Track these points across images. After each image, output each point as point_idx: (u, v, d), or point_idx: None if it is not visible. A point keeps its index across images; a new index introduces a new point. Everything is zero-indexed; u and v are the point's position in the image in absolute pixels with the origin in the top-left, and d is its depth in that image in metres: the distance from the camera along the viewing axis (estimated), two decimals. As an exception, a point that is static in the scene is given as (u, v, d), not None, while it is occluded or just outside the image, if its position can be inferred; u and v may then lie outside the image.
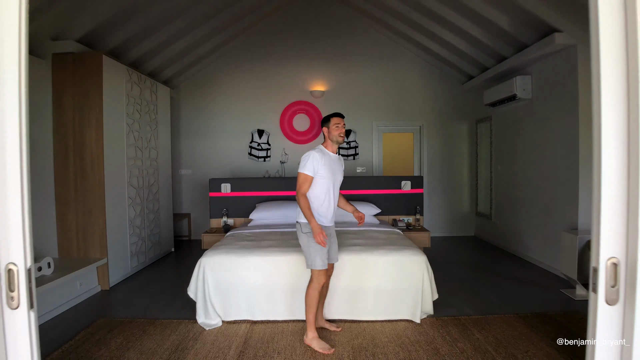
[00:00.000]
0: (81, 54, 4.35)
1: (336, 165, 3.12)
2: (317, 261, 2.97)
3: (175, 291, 4.35)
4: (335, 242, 3.23)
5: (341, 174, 3.19)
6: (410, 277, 3.41)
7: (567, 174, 4.66)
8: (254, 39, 7.14)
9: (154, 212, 5.66)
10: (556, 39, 4.38)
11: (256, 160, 7.17)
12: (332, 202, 3.10)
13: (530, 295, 4.17)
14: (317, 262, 2.97)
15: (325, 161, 2.99)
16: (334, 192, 3.10)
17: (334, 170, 3.07)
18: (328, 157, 3.04)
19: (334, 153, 3.13)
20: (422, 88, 7.26)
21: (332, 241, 3.18)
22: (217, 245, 3.73)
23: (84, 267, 4.13)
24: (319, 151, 3.03)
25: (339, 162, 3.19)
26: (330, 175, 3.02)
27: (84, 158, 4.37)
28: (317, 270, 2.97)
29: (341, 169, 3.20)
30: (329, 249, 3.12)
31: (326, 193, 3.04)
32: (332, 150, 3.12)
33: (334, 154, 3.14)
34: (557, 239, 4.84)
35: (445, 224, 7.41)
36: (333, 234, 3.20)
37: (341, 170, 3.19)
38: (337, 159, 3.16)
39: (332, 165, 3.05)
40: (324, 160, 2.98)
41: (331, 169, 3.03)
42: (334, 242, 3.21)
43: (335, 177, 3.08)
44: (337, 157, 3.17)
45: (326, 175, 2.99)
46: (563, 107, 4.72)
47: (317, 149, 3.05)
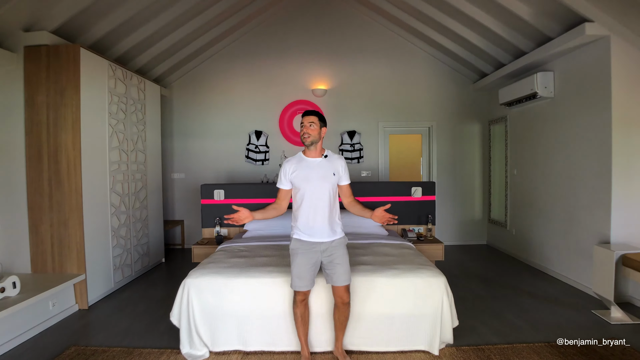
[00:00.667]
0: (56, 47, 3.89)
1: (315, 171, 2.72)
2: (293, 282, 2.74)
3: (161, 311, 3.89)
4: (341, 260, 2.73)
5: (323, 179, 2.72)
6: (428, 301, 2.94)
7: (597, 180, 4.19)
8: (252, 34, 6.69)
9: (142, 220, 5.21)
10: (587, 29, 3.91)
11: (254, 164, 6.71)
12: (313, 215, 2.71)
13: (559, 317, 3.70)
14: (294, 282, 2.74)
15: (297, 168, 2.75)
16: (314, 201, 2.70)
17: (312, 177, 2.70)
18: (304, 164, 2.76)
19: (313, 157, 2.77)
20: (431, 86, 6.80)
21: (338, 259, 2.72)
22: (204, 264, 3.27)
23: (58, 285, 3.68)
24: (294, 158, 2.82)
25: (322, 166, 2.75)
26: (302, 183, 2.71)
27: (60, 162, 3.92)
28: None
29: (323, 173, 2.73)
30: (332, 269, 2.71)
31: (301, 204, 2.72)
32: (310, 154, 2.79)
33: (315, 158, 2.77)
34: (583, 252, 4.38)
35: (455, 231, 6.94)
36: (336, 251, 2.73)
37: (324, 175, 2.72)
38: (317, 164, 2.75)
39: (309, 173, 2.72)
40: (294, 168, 2.75)
41: (305, 176, 2.71)
42: (339, 260, 2.72)
43: (309, 184, 2.70)
44: (318, 162, 2.76)
45: (297, 185, 2.74)
46: (592, 106, 4.25)
47: (295, 156, 2.85)
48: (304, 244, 2.71)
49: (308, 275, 2.71)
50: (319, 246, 2.70)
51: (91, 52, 4.11)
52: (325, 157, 2.80)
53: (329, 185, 2.72)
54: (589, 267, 4.28)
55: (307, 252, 2.70)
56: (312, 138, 2.72)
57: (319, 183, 2.70)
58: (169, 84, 6.64)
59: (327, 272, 2.74)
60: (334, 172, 2.76)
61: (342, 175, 2.82)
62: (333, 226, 2.75)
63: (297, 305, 2.80)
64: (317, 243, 2.70)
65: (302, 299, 2.78)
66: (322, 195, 2.70)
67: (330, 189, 2.73)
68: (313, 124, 2.74)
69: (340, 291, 2.75)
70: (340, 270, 2.71)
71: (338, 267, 2.71)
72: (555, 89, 4.87)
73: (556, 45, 4.41)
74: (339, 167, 2.80)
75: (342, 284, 2.73)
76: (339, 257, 2.73)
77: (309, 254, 2.70)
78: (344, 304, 2.78)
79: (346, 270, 2.74)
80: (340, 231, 2.80)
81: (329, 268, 2.73)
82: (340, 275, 2.72)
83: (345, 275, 2.73)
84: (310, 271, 2.71)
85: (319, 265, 2.75)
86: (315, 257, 2.71)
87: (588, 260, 4.31)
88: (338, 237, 2.77)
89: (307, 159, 2.77)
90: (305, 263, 2.70)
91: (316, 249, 2.70)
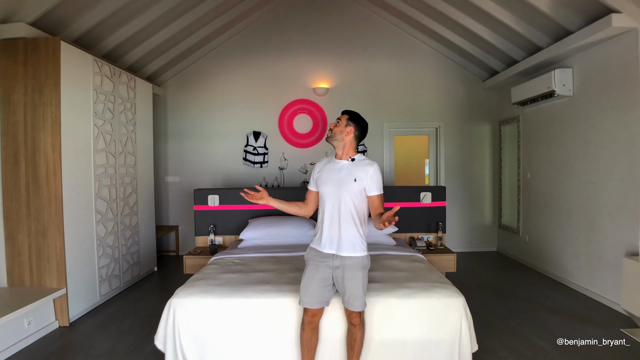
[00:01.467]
0: (35, 40, 3.56)
1: (336, 174, 2.41)
2: (301, 296, 2.44)
3: (147, 328, 3.55)
4: (351, 285, 2.35)
5: (340, 184, 2.37)
6: (445, 325, 2.60)
7: (623, 185, 3.85)
8: (250, 30, 6.36)
9: (131, 227, 4.87)
10: (613, 21, 3.58)
11: (252, 166, 6.38)
12: (328, 222, 2.39)
13: (584, 336, 3.35)
14: (302, 297, 2.44)
15: (322, 169, 2.51)
16: (332, 208, 2.38)
17: (331, 180, 2.41)
18: (330, 165, 2.50)
19: (340, 159, 2.48)
20: (439, 85, 6.46)
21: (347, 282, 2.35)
22: (193, 280, 2.93)
23: (35, 302, 3.35)
24: (326, 159, 2.60)
25: (344, 170, 2.41)
26: (320, 186, 2.47)
27: (38, 166, 3.58)
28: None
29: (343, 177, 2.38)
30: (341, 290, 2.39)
31: (321, 211, 2.47)
32: (338, 155, 2.51)
33: (342, 161, 2.47)
34: (607, 263, 4.04)
35: (464, 237, 6.60)
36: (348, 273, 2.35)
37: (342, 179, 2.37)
38: (342, 167, 2.44)
39: (330, 175, 2.44)
40: (320, 168, 2.54)
41: (326, 179, 2.45)
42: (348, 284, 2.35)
43: (326, 188, 2.42)
44: (343, 165, 2.45)
45: (318, 187, 2.51)
46: (618, 104, 3.91)
47: (329, 157, 2.62)
48: (317, 254, 2.42)
49: (316, 292, 2.37)
50: (330, 260, 2.37)
51: (74, 47, 3.78)
52: (352, 160, 2.46)
53: (345, 192, 2.35)
54: (614, 280, 3.94)
55: (318, 264, 2.39)
56: (332, 134, 2.46)
57: (335, 187, 2.38)
58: (163, 82, 6.31)
59: (340, 290, 2.42)
60: (355, 177, 2.37)
61: (367, 183, 2.38)
62: (352, 239, 2.36)
63: (304, 328, 2.45)
64: (328, 256, 2.37)
65: (310, 320, 2.43)
66: (337, 201, 2.36)
67: (347, 195, 2.35)
68: (339, 121, 2.49)
69: (348, 312, 2.42)
70: (351, 294, 2.36)
71: (349, 290, 2.36)
72: (575, 87, 4.53)
73: (577, 39, 4.08)
74: (365, 174, 2.38)
75: (350, 309, 2.40)
76: (351, 281, 2.34)
77: (320, 267, 2.38)
78: (354, 325, 2.45)
79: (358, 296, 2.36)
80: (360, 249, 2.38)
81: (340, 288, 2.40)
82: (351, 300, 2.37)
83: (357, 301, 2.37)
84: (319, 287, 2.37)
85: (330, 282, 2.40)
86: (326, 273, 2.37)
87: (612, 272, 3.98)
88: (355, 255, 2.37)
89: (336, 161, 2.49)
90: (313, 275, 2.38)
91: (328, 263, 2.37)
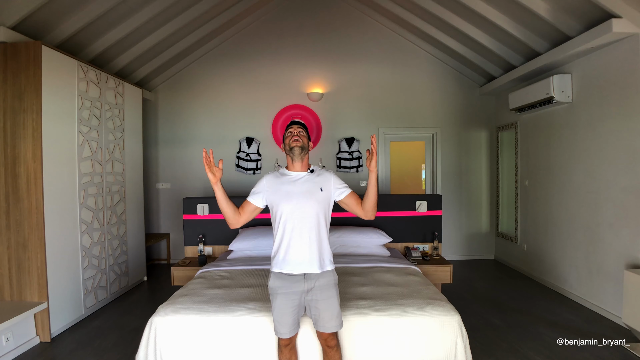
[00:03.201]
0: (15, 45, 3.43)
1: (299, 186, 2.25)
2: (276, 327, 2.28)
3: (133, 344, 3.41)
4: (325, 305, 2.22)
5: (308, 196, 2.23)
6: (439, 344, 2.48)
7: (624, 195, 3.74)
8: (243, 34, 6.25)
9: (119, 237, 4.74)
10: (614, 26, 3.47)
11: (245, 173, 6.25)
12: (297, 239, 2.20)
13: (586, 352, 3.23)
14: (277, 328, 2.27)
15: (275, 183, 2.31)
16: (296, 222, 2.20)
17: (293, 194, 2.22)
18: (285, 179, 2.32)
19: (297, 171, 2.34)
20: (435, 90, 6.35)
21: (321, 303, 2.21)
22: (177, 296, 2.79)
23: (14, 317, 3.21)
24: (274, 173, 2.40)
25: (307, 181, 2.28)
26: (281, 200, 2.23)
27: (18, 176, 3.45)
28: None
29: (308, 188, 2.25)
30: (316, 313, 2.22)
31: (280, 228, 2.23)
32: (294, 167, 2.35)
33: (299, 172, 2.33)
34: (608, 275, 3.93)
35: (460, 245, 6.48)
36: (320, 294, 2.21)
37: (308, 190, 2.24)
38: (302, 178, 2.30)
39: (290, 189, 2.25)
40: (272, 182, 2.32)
41: (285, 194, 2.24)
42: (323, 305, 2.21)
43: (290, 202, 2.21)
44: (303, 176, 2.32)
45: (276, 203, 2.26)
46: (618, 111, 3.80)
47: (276, 171, 2.42)
48: (285, 280, 2.20)
49: (290, 320, 2.22)
50: (300, 284, 2.20)
51: (56, 51, 3.65)
52: (312, 171, 2.33)
53: (315, 203, 2.22)
54: (614, 292, 3.83)
55: (288, 293, 2.20)
56: (302, 143, 2.30)
57: (302, 200, 2.21)
58: (154, 87, 6.19)
59: (312, 314, 2.25)
60: (321, 187, 2.27)
61: (334, 189, 2.31)
62: (321, 255, 2.24)
63: (282, 351, 2.33)
64: (299, 279, 2.19)
65: (287, 343, 2.31)
66: (306, 215, 2.20)
67: (317, 207, 2.23)
68: (302, 132, 2.34)
69: (325, 335, 2.27)
70: (326, 316, 2.22)
71: (324, 312, 2.22)
72: (574, 93, 4.42)
73: (576, 44, 3.97)
74: (328, 182, 2.31)
75: (327, 331, 2.25)
76: (326, 301, 2.21)
77: (291, 295, 2.20)
78: (330, 347, 2.31)
79: (334, 315, 2.23)
80: (329, 262, 2.27)
81: (314, 311, 2.23)
82: (326, 322, 2.23)
83: (333, 321, 2.23)
84: (293, 315, 2.22)
85: (303, 306, 2.25)
86: (298, 299, 2.22)
87: (612, 284, 3.86)
88: (327, 270, 2.24)
89: (290, 173, 2.33)
90: (286, 306, 2.21)
91: (297, 288, 2.20)
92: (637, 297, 3.23)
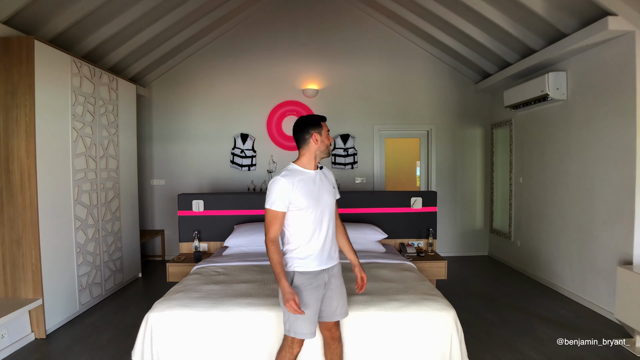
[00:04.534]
0: (7, 39, 3.39)
1: (319, 186, 2.23)
2: (298, 326, 2.14)
3: (128, 341, 3.40)
4: (339, 292, 2.30)
5: (331, 193, 2.28)
6: (435, 339, 2.50)
7: (617, 192, 3.77)
8: (238, 29, 6.22)
9: (114, 233, 4.71)
10: (610, 24, 3.49)
11: (239, 169, 6.23)
12: (325, 236, 2.22)
13: (578, 348, 3.26)
14: (299, 327, 2.14)
15: (301, 186, 2.15)
16: (328, 221, 2.23)
17: (319, 193, 2.20)
18: (305, 178, 2.19)
19: (310, 169, 2.24)
20: (431, 87, 6.36)
21: (334, 291, 2.27)
22: (173, 292, 2.79)
23: (9, 313, 3.19)
24: (289, 174, 2.17)
25: (324, 179, 2.29)
26: (313, 202, 2.16)
27: (12, 172, 3.42)
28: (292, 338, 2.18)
29: (329, 186, 2.29)
30: (328, 304, 2.25)
31: (314, 227, 2.18)
32: (312, 166, 2.24)
33: (313, 170, 2.24)
34: (601, 271, 3.97)
35: (455, 241, 6.51)
36: (335, 280, 2.28)
37: (329, 188, 2.28)
38: (318, 177, 2.25)
39: (313, 188, 2.19)
40: (299, 185, 2.14)
41: (312, 193, 2.17)
42: (337, 293, 2.28)
43: (322, 202, 2.20)
44: (318, 174, 2.26)
45: (306, 205, 2.15)
46: (613, 109, 3.83)
47: (286, 171, 2.19)
48: (309, 277, 2.19)
49: (315, 318, 2.22)
50: (322, 278, 2.22)
51: (49, 46, 3.61)
52: (321, 168, 2.33)
53: (332, 199, 2.30)
54: (607, 288, 3.87)
55: (315, 287, 2.19)
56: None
57: (326, 197, 2.24)
58: (148, 83, 6.15)
59: (325, 306, 2.26)
60: (333, 184, 2.36)
61: (336, 187, 2.40)
62: (336, 247, 2.35)
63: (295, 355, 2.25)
64: (320, 274, 2.21)
65: (300, 350, 2.26)
66: (329, 211, 2.26)
67: (332, 203, 2.31)
68: (329, 131, 2.32)
69: (330, 325, 2.31)
70: (341, 302, 2.29)
71: (337, 300, 2.28)
72: (569, 91, 4.45)
73: (571, 42, 3.99)
74: (332, 179, 2.39)
75: (340, 318, 2.31)
76: (339, 288, 2.31)
77: (317, 289, 2.20)
78: (335, 339, 2.34)
79: (345, 302, 2.34)
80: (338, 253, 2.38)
81: (328, 302, 2.26)
82: (341, 308, 2.30)
83: (344, 307, 2.32)
84: (318, 310, 2.23)
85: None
86: (322, 293, 2.23)
87: (605, 280, 3.90)
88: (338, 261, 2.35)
89: (307, 171, 2.22)
90: (315, 300, 2.19)
91: (320, 282, 2.21)
92: (630, 293, 3.26)
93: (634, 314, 3.21)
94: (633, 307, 3.22)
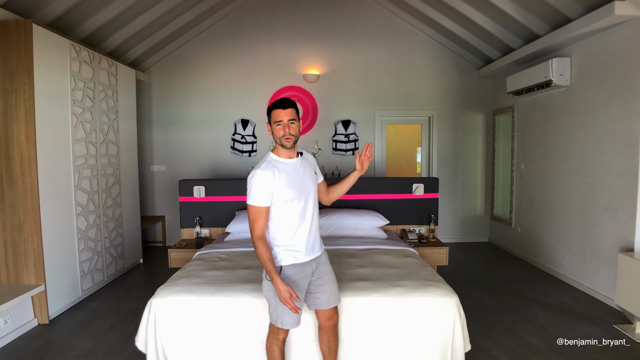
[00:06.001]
0: (5, 23, 3.34)
1: (302, 174, 2.15)
2: (285, 317, 2.13)
3: (130, 326, 3.43)
4: (330, 278, 2.29)
5: (313, 180, 2.22)
6: (438, 325, 2.51)
7: (620, 179, 3.76)
8: (238, 13, 6.13)
9: (115, 219, 4.71)
10: (616, 9, 3.43)
11: (240, 155, 6.21)
12: (310, 226, 2.18)
13: (578, 333, 3.29)
14: (286, 318, 2.13)
15: (282, 177, 2.06)
16: (312, 210, 2.18)
17: (301, 183, 2.12)
18: (285, 168, 2.10)
19: (290, 158, 2.15)
20: (433, 72, 6.30)
21: (325, 278, 2.26)
22: (176, 278, 2.79)
23: (12, 299, 3.21)
24: (269, 165, 2.07)
25: (306, 165, 2.21)
26: (297, 192, 2.09)
27: (12, 158, 3.40)
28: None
29: (311, 173, 2.22)
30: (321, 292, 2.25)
31: (299, 218, 2.13)
32: (288, 154, 2.15)
33: (292, 159, 2.16)
34: (602, 258, 3.98)
35: (455, 227, 6.53)
36: (324, 268, 2.27)
37: (311, 174, 2.21)
38: (299, 164, 2.17)
39: (295, 178, 2.11)
40: (279, 177, 2.05)
41: (294, 183, 2.09)
42: (327, 279, 2.27)
43: (305, 190, 2.14)
44: (298, 162, 2.17)
45: (291, 196, 2.08)
46: (617, 96, 3.79)
47: (265, 163, 2.09)
48: (300, 267, 2.16)
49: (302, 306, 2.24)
50: (309, 267, 2.20)
51: (48, 30, 3.56)
52: (301, 154, 2.24)
53: (314, 187, 2.24)
54: (608, 275, 3.88)
55: (301, 278, 2.17)
56: (295, 138, 2.11)
57: (308, 186, 2.18)
58: (147, 68, 6.08)
59: (315, 296, 2.26)
60: (314, 170, 2.30)
61: (318, 171, 2.36)
62: (320, 236, 2.33)
63: (279, 346, 2.26)
64: (307, 264, 2.18)
65: (285, 337, 2.28)
66: (312, 200, 2.20)
67: (315, 191, 2.25)
68: (294, 122, 2.09)
69: (328, 312, 2.30)
70: (331, 289, 2.28)
71: (328, 286, 2.26)
72: (573, 77, 4.40)
73: (577, 27, 3.93)
74: (315, 165, 2.34)
75: (335, 304, 2.30)
76: (329, 276, 2.29)
77: (304, 279, 2.18)
78: (333, 325, 2.34)
79: (336, 288, 2.32)
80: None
81: (315, 290, 2.25)
82: (333, 294, 2.29)
83: (337, 294, 2.31)
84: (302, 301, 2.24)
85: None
86: (308, 282, 2.22)
87: (606, 267, 3.92)
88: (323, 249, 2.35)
89: (286, 160, 2.13)
90: (302, 291, 2.18)
91: (307, 271, 2.19)
92: (631, 280, 3.27)
93: (634, 301, 3.23)
94: (634, 293, 3.23)
